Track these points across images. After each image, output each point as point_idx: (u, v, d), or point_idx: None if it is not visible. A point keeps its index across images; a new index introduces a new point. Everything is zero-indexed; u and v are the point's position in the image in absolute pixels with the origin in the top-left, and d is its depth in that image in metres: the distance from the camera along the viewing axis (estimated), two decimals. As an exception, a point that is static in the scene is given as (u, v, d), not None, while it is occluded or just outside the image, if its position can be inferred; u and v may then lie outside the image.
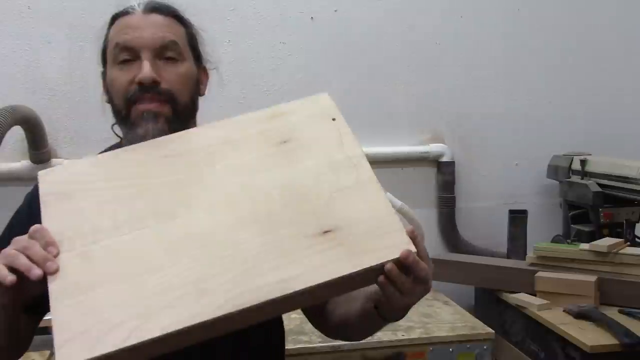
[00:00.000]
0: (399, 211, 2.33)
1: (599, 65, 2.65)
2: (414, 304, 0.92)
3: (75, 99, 2.29)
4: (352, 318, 1.08)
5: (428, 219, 2.50)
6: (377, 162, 2.44)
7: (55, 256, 0.82)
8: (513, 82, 2.60)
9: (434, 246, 2.51)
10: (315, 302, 0.99)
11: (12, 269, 0.81)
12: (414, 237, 0.86)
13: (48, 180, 0.94)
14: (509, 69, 2.59)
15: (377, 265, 0.83)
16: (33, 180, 2.37)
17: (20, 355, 1.06)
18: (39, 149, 2.19)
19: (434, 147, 2.52)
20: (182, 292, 0.80)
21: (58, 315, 0.78)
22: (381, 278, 0.85)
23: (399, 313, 0.96)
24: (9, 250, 0.83)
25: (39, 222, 0.89)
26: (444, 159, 2.52)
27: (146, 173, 0.93)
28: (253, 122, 1.00)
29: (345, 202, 0.89)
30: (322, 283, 0.81)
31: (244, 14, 2.37)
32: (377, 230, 0.86)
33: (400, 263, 0.84)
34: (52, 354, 1.73)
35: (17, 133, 2.14)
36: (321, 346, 1.73)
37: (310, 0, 2.42)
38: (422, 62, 2.52)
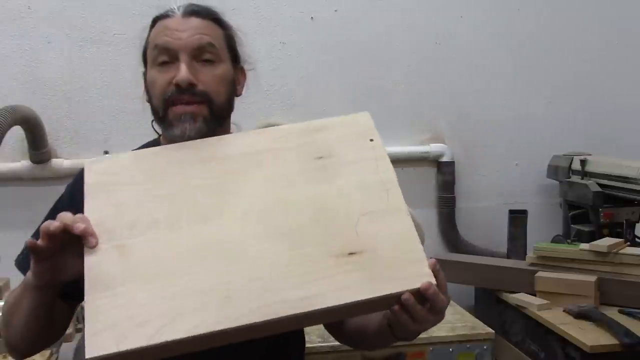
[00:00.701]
0: None
1: (599, 66, 2.65)
2: (425, 330, 0.94)
3: (75, 99, 2.29)
4: (369, 330, 1.09)
5: (428, 219, 2.50)
6: (377, 162, 2.44)
7: (94, 247, 0.87)
8: (513, 82, 2.60)
9: (434, 246, 2.51)
10: (334, 320, 1.02)
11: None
12: (435, 270, 0.88)
13: (94, 169, 0.98)
14: (509, 69, 2.59)
15: (396, 293, 0.85)
16: (33, 180, 2.40)
17: (56, 340, 1.10)
18: (39, 149, 2.19)
19: (434, 147, 2.52)
20: (208, 297, 0.83)
21: (91, 306, 0.83)
22: (395, 307, 0.87)
23: (411, 335, 0.98)
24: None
25: (81, 210, 0.93)
26: (444, 159, 2.52)
27: (185, 173, 0.97)
28: (294, 133, 1.03)
29: (373, 226, 0.91)
30: (341, 305, 0.83)
31: (244, 14, 2.37)
32: (400, 259, 0.88)
33: (419, 293, 0.86)
34: (52, 354, 1.73)
35: (17, 133, 2.14)
36: (321, 346, 1.73)
37: (310, 0, 2.42)
38: (422, 62, 2.52)
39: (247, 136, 1.03)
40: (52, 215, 1.11)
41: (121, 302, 0.83)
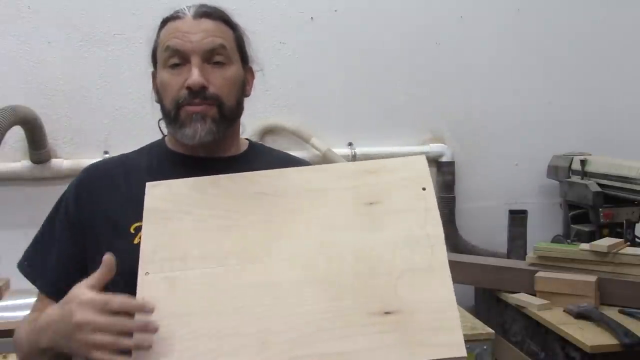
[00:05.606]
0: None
1: (598, 66, 2.65)
2: None
3: (75, 99, 2.29)
4: None
5: (428, 219, 2.50)
6: (377, 162, 2.44)
7: (155, 331, 0.86)
8: (513, 82, 2.60)
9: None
10: None
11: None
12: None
13: (154, 193, 1.01)
14: (509, 69, 2.59)
15: None
16: (33, 180, 2.39)
17: None
18: (39, 149, 2.19)
19: (434, 147, 2.52)
20: (247, 341, 0.86)
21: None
22: None
23: None
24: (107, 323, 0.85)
25: (87, 210, 1.06)
26: (444, 159, 2.52)
27: (239, 208, 0.99)
28: (349, 173, 1.03)
29: (413, 285, 0.91)
30: None
31: (244, 14, 2.35)
32: (435, 324, 0.88)
33: None
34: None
35: (17, 133, 2.15)
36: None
37: (310, 0, 2.42)
38: (422, 62, 2.52)
39: (303, 172, 1.05)
40: (55, 214, 1.13)
41: (163, 337, 0.85)
